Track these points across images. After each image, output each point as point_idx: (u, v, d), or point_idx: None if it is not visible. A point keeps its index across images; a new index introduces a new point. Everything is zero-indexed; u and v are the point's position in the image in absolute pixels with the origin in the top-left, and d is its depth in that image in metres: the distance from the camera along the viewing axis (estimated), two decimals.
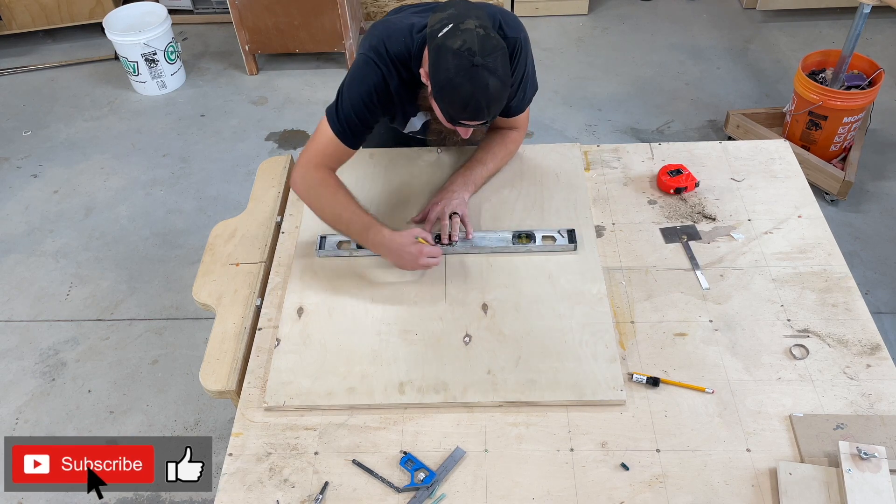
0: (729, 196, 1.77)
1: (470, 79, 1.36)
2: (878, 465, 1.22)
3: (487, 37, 1.38)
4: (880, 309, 2.54)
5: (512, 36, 1.56)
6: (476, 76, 1.36)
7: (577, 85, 3.66)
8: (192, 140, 3.47)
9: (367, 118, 1.57)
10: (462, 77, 1.36)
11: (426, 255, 1.53)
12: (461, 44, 1.36)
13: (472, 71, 1.36)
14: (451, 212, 1.64)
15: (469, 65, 1.36)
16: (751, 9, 4.07)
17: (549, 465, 1.29)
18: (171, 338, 2.61)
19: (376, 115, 1.59)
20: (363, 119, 1.57)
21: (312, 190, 1.60)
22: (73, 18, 3.97)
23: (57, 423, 2.37)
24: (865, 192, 2.98)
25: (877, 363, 1.41)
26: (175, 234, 3.01)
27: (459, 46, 1.36)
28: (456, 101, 1.40)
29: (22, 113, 3.70)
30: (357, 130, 1.58)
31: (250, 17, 3.59)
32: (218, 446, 2.26)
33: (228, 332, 1.55)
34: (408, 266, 1.56)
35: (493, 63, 1.37)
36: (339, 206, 1.57)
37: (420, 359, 1.45)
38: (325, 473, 1.30)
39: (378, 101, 1.55)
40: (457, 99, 1.40)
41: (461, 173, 1.73)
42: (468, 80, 1.36)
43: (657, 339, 1.48)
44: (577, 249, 1.63)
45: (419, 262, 1.53)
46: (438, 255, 1.55)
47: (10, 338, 2.64)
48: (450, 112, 1.44)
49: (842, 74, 2.88)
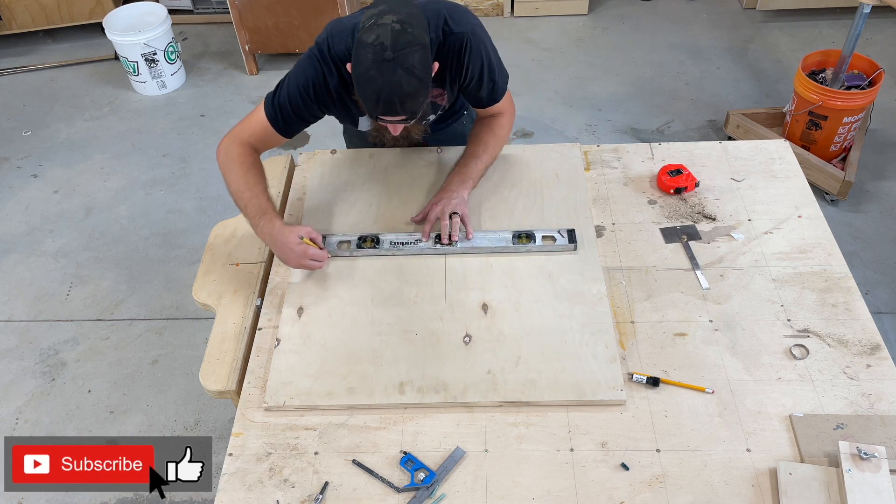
0: (729, 196, 1.77)
1: (380, 73, 1.36)
2: (878, 465, 1.22)
3: (403, 31, 1.37)
4: (880, 309, 2.54)
5: (458, 31, 1.54)
6: (386, 70, 1.35)
7: (577, 85, 3.66)
8: (192, 140, 3.47)
9: (301, 110, 1.58)
10: (373, 71, 1.36)
11: (309, 257, 1.53)
12: (374, 38, 1.36)
13: (382, 65, 1.35)
14: (451, 212, 1.64)
15: (380, 59, 1.35)
16: (751, 9, 4.07)
17: (549, 465, 1.29)
18: (171, 338, 2.61)
19: (311, 108, 1.60)
20: (296, 109, 1.58)
21: (228, 161, 1.60)
22: (73, 18, 3.98)
23: (57, 423, 2.37)
24: (865, 192, 2.98)
25: (877, 363, 1.41)
26: (175, 234, 3.01)
27: (373, 41, 1.36)
28: (369, 96, 1.40)
29: (22, 113, 3.70)
30: (288, 119, 1.60)
31: (250, 17, 3.59)
32: (218, 446, 2.27)
33: (228, 332, 1.55)
34: (290, 263, 1.55)
35: (406, 58, 1.36)
36: (244, 184, 1.56)
37: (420, 359, 1.45)
38: (325, 473, 1.30)
39: (314, 95, 1.56)
40: (369, 93, 1.39)
41: (457, 171, 1.72)
42: (378, 74, 1.36)
43: (657, 339, 1.48)
44: (577, 249, 1.63)
45: (301, 262, 1.53)
46: (323, 258, 1.56)
47: (10, 338, 2.64)
48: (367, 107, 1.44)
49: (842, 74, 2.88)
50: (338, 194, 1.80)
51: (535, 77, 3.72)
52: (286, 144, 3.42)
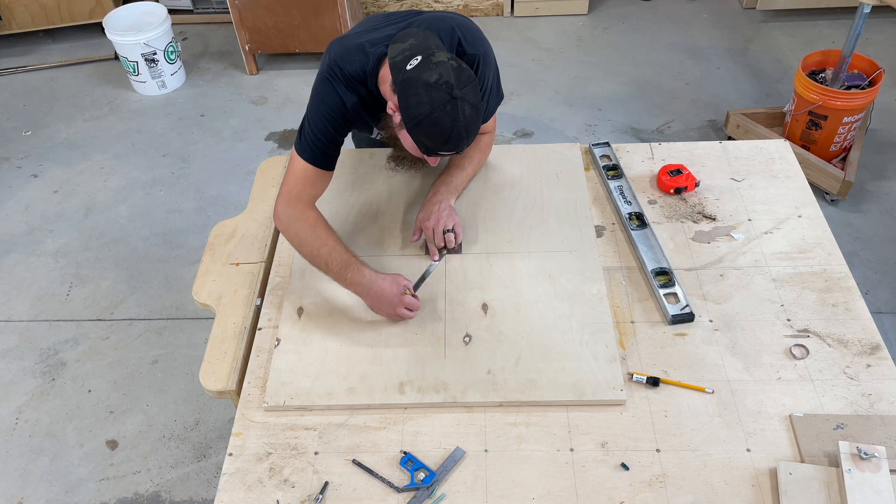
0: (729, 196, 1.77)
1: (451, 112, 1.36)
2: (878, 465, 1.23)
3: (461, 69, 1.39)
4: (880, 309, 2.54)
5: (471, 53, 1.56)
6: (456, 109, 1.36)
7: (577, 85, 3.66)
8: (191, 140, 3.47)
9: (335, 136, 1.56)
10: (441, 111, 1.36)
11: (405, 306, 1.49)
12: (438, 77, 1.36)
13: (452, 104, 1.36)
14: (444, 228, 1.63)
15: (448, 97, 1.35)
16: (751, 9, 4.07)
17: (549, 465, 1.29)
18: (171, 338, 2.61)
19: (342, 131, 1.58)
20: (331, 139, 1.56)
21: (292, 225, 1.55)
22: (73, 18, 3.97)
23: (57, 422, 2.37)
24: (865, 192, 2.98)
25: (877, 363, 1.42)
26: (175, 234, 3.01)
27: (437, 80, 1.35)
28: (437, 135, 1.39)
29: (22, 113, 3.70)
30: (327, 151, 1.56)
31: (250, 17, 3.59)
32: (218, 446, 2.27)
33: (228, 332, 1.55)
34: (384, 313, 1.51)
35: (470, 94, 1.38)
36: (317, 242, 1.51)
37: (420, 359, 1.45)
38: (325, 473, 1.30)
39: (341, 118, 1.54)
40: (437, 133, 1.38)
41: (442, 180, 1.72)
42: (449, 113, 1.36)
43: (657, 339, 1.48)
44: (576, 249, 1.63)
45: (397, 312, 1.49)
46: (417, 307, 1.51)
47: (10, 338, 2.64)
48: (428, 145, 1.42)
49: (842, 74, 2.88)
50: (338, 194, 1.80)
51: (535, 77, 3.72)
52: (286, 144, 3.43)
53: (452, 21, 1.58)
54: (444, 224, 1.63)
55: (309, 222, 1.53)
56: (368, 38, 1.54)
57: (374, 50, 1.51)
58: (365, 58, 1.51)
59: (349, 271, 1.48)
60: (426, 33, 1.49)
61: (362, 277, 1.48)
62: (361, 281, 1.48)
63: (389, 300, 1.47)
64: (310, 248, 1.52)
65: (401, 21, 1.60)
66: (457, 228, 1.64)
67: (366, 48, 1.52)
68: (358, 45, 1.53)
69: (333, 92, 1.53)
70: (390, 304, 1.48)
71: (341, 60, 1.52)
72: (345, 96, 1.53)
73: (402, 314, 1.49)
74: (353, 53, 1.52)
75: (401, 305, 1.48)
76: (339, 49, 1.55)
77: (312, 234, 1.52)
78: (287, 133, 3.47)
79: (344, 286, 1.51)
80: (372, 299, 1.49)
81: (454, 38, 1.55)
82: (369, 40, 1.53)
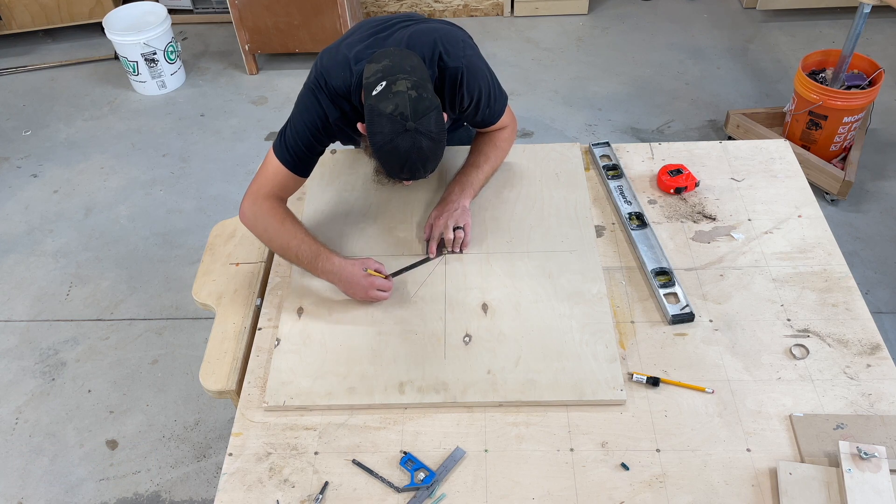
0: (729, 196, 1.77)
1: (404, 143, 1.37)
2: (878, 465, 1.23)
3: (420, 98, 1.38)
4: (880, 309, 2.54)
5: (453, 66, 1.54)
6: (410, 140, 1.37)
7: (577, 85, 3.66)
8: (191, 140, 3.47)
9: (313, 144, 1.58)
10: (396, 141, 1.37)
11: (376, 288, 1.52)
12: (393, 108, 1.37)
13: (405, 136, 1.37)
14: (455, 225, 1.63)
15: (402, 129, 1.37)
16: (751, 9, 4.07)
17: (549, 465, 1.29)
18: (171, 338, 2.61)
19: (322, 141, 1.59)
20: (310, 147, 1.57)
21: (260, 220, 1.57)
22: (73, 18, 3.97)
23: (57, 422, 2.37)
24: (865, 191, 2.98)
25: (877, 363, 1.41)
26: (175, 234, 3.01)
27: (392, 111, 1.37)
28: (393, 163, 1.42)
29: (22, 113, 3.70)
30: (305, 158, 1.59)
31: (250, 17, 3.59)
32: (218, 446, 2.27)
33: (228, 332, 1.55)
34: (357, 297, 1.54)
35: (427, 125, 1.38)
36: (286, 235, 1.55)
37: (420, 359, 1.45)
38: (325, 473, 1.30)
39: (321, 128, 1.56)
40: (394, 161, 1.41)
41: (458, 180, 1.72)
42: (402, 143, 1.37)
43: (657, 338, 1.48)
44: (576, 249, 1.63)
45: (369, 294, 1.52)
46: (389, 288, 1.54)
47: (10, 338, 2.64)
48: (387, 170, 1.46)
49: (842, 74, 2.88)
50: (338, 194, 1.80)
51: (535, 77, 3.72)
52: None
53: (436, 33, 1.56)
54: (456, 222, 1.63)
55: (277, 217, 1.56)
56: (355, 52, 1.53)
57: (358, 67, 1.51)
58: (349, 74, 1.52)
59: (319, 260, 1.53)
60: (403, 53, 1.48)
61: (332, 265, 1.52)
62: (332, 269, 1.52)
63: (360, 284, 1.51)
64: (280, 242, 1.56)
65: (388, 30, 1.59)
66: (466, 229, 1.64)
67: (351, 64, 1.52)
68: (344, 59, 1.53)
69: (317, 104, 1.54)
70: (361, 288, 1.51)
71: (327, 74, 1.53)
72: (328, 110, 1.54)
73: (374, 296, 1.52)
74: (339, 68, 1.53)
75: (371, 288, 1.51)
76: (327, 61, 1.55)
77: (281, 228, 1.56)
78: None
79: (316, 276, 1.56)
80: (344, 285, 1.53)
81: (435, 53, 1.53)
82: (355, 55, 1.53)
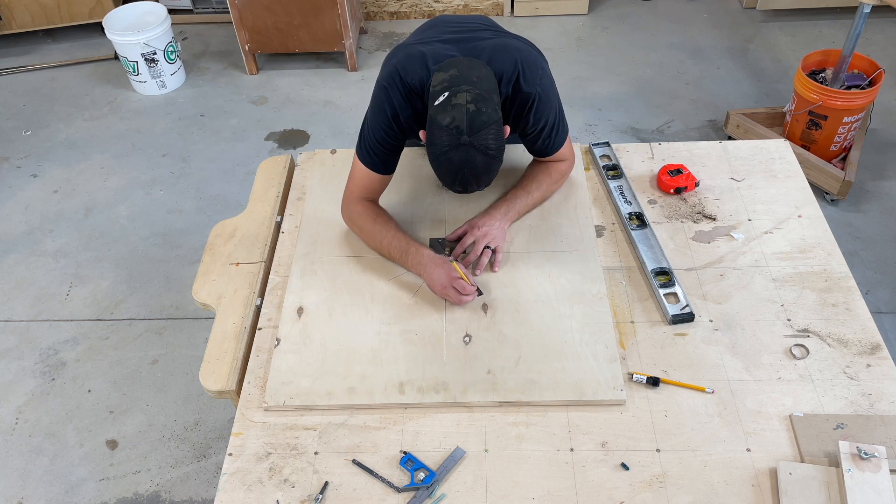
0: (729, 196, 1.77)
1: (456, 156, 1.39)
2: (878, 465, 1.22)
3: (477, 113, 1.38)
4: (880, 309, 2.54)
5: (527, 91, 1.54)
6: (463, 154, 1.38)
7: (577, 85, 3.66)
8: (191, 140, 3.47)
9: (392, 143, 1.60)
10: (450, 154, 1.39)
11: (455, 288, 1.50)
12: (450, 120, 1.38)
13: (459, 150, 1.38)
14: (487, 244, 1.60)
15: (456, 143, 1.38)
16: (751, 8, 4.07)
17: (549, 465, 1.29)
18: (171, 338, 2.61)
19: (400, 138, 1.60)
20: (388, 146, 1.59)
21: (355, 223, 1.67)
22: (73, 18, 3.97)
23: (57, 422, 2.37)
24: (865, 191, 2.98)
25: (877, 363, 1.41)
26: (175, 234, 3.01)
27: (449, 123, 1.38)
28: (446, 174, 1.45)
29: (22, 113, 3.70)
30: (385, 157, 1.62)
31: (250, 17, 3.59)
32: (218, 446, 2.27)
33: (228, 332, 1.55)
34: (436, 290, 1.54)
35: (483, 140, 1.38)
36: (379, 234, 1.62)
37: (420, 359, 1.45)
38: (325, 473, 1.30)
39: (396, 129, 1.58)
40: (447, 173, 1.44)
41: (505, 200, 1.69)
42: (456, 157, 1.39)
43: (657, 338, 1.48)
44: (576, 249, 1.63)
45: (446, 289, 1.51)
46: (469, 293, 1.51)
47: (10, 338, 2.64)
48: (442, 181, 1.49)
49: (842, 74, 2.88)
50: (338, 194, 1.80)
51: None
52: (286, 144, 3.43)
53: (518, 54, 1.55)
54: (490, 241, 1.61)
55: (369, 218, 1.64)
56: (433, 51, 1.53)
57: (435, 67, 1.51)
58: (426, 72, 1.52)
59: (409, 254, 1.58)
60: (471, 63, 1.48)
61: (421, 257, 1.57)
62: (420, 261, 1.57)
63: (441, 279, 1.53)
64: (375, 240, 1.63)
65: (470, 34, 1.59)
66: (498, 253, 1.61)
67: (428, 63, 1.52)
68: (420, 55, 1.53)
69: (389, 101, 1.55)
70: (440, 284, 1.53)
71: (402, 69, 1.53)
72: (400, 108, 1.54)
73: (451, 294, 1.52)
74: (416, 64, 1.53)
75: (449, 287, 1.52)
76: (402, 56, 1.55)
77: (373, 227, 1.63)
78: (287, 133, 3.47)
79: (407, 269, 1.61)
80: (427, 275, 1.56)
81: (514, 74, 1.53)
82: (433, 54, 1.53)
